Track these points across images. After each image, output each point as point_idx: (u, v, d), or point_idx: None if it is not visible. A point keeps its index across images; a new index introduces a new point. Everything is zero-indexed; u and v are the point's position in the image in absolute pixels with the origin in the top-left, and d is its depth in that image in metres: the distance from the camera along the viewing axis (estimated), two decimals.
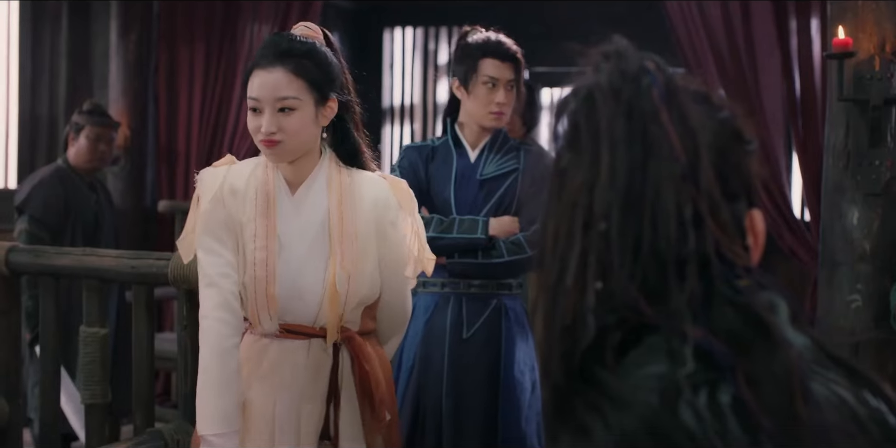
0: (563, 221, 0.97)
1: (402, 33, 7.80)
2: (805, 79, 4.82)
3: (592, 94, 0.98)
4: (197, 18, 5.88)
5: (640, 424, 0.87)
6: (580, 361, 0.94)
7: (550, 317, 0.96)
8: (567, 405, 0.92)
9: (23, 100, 6.03)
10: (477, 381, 3.13)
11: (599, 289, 0.94)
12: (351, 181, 2.35)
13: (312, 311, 2.31)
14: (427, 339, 3.17)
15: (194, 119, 5.89)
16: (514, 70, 3.15)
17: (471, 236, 3.11)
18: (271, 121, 2.22)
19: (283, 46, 2.26)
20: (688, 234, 0.94)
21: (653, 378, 0.89)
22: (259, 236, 2.28)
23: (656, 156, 0.95)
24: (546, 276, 0.98)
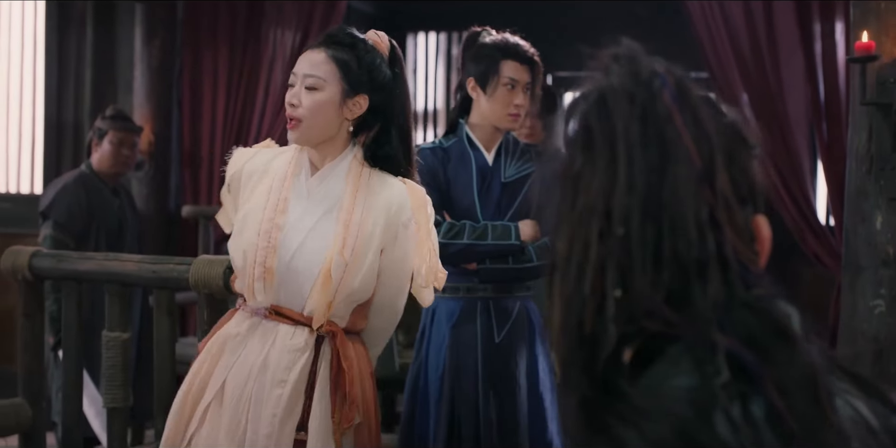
0: (579, 227, 0.94)
1: (425, 38, 7.81)
2: (829, 83, 4.79)
3: (605, 96, 0.96)
4: (220, 23, 5.91)
5: (676, 436, 0.85)
6: (602, 372, 0.92)
7: (568, 327, 0.95)
8: (598, 416, 0.91)
9: (48, 105, 6.07)
10: (512, 386, 3.12)
11: (619, 296, 0.92)
12: (370, 178, 2.42)
13: (304, 294, 2.36)
14: (456, 346, 3.14)
15: (218, 124, 5.91)
16: (531, 72, 3.15)
17: (506, 243, 3.10)
18: (296, 93, 2.37)
19: (335, 35, 2.42)
20: (707, 239, 0.92)
21: (683, 389, 0.88)
22: (269, 208, 2.38)
23: (673, 159, 0.93)
24: (562, 284, 0.96)
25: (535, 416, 3.12)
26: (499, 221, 3.14)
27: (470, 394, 3.11)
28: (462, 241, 3.07)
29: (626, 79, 0.96)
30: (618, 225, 0.92)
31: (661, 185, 0.92)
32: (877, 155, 3.42)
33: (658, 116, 0.94)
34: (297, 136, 2.39)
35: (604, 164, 0.94)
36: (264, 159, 2.47)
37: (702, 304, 0.91)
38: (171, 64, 5.80)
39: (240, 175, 2.47)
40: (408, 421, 3.20)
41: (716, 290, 0.91)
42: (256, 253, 2.35)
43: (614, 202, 0.92)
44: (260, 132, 5.81)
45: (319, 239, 2.36)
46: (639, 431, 0.86)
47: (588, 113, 0.96)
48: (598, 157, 0.94)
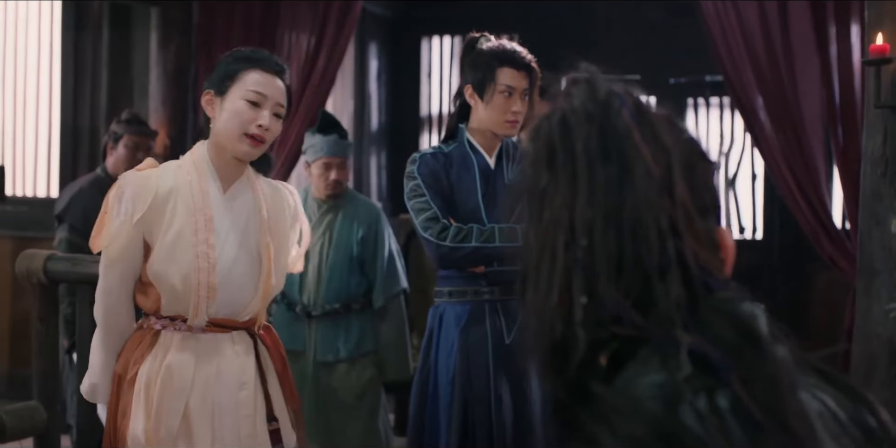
0: (546, 240, 1.01)
1: (439, 41, 7.82)
2: (844, 86, 4.77)
3: (566, 117, 1.03)
4: (235, 27, 5.92)
5: (647, 431, 0.90)
6: (576, 376, 0.98)
7: (541, 333, 1.01)
8: (572, 417, 0.96)
9: (64, 109, 6.10)
10: (525, 385, 3.11)
11: (585, 303, 0.98)
12: (265, 185, 2.63)
13: (242, 302, 2.53)
14: (466, 349, 3.14)
15: None
16: (529, 79, 3.14)
17: (514, 245, 3.09)
18: (266, 116, 2.49)
19: (278, 65, 2.56)
20: (667, 246, 0.98)
21: (653, 386, 0.92)
22: (199, 230, 2.47)
23: (632, 171, 1.00)
24: (533, 293, 1.02)
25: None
26: (504, 224, 3.13)
27: (483, 396, 3.11)
28: (470, 245, 3.07)
29: (586, 99, 1.04)
30: (581, 236, 0.99)
31: (621, 196, 0.99)
32: (892, 158, 3.41)
33: (617, 133, 1.02)
34: (254, 154, 2.52)
35: (566, 180, 1.01)
36: (167, 180, 2.51)
37: (665, 307, 0.97)
38: (187, 68, 5.82)
39: (155, 199, 2.47)
40: (416, 426, 3.20)
41: (677, 292, 0.97)
42: (199, 275, 2.45)
43: (577, 214, 0.99)
44: None
45: (249, 250, 2.53)
46: (610, 428, 0.91)
47: (550, 132, 1.03)
48: (561, 173, 1.01)
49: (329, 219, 4.18)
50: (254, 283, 2.52)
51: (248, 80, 2.49)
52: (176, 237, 2.46)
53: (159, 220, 2.47)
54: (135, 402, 2.47)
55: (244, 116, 2.47)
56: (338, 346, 4.12)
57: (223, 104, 2.51)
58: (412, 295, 4.67)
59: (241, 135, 2.48)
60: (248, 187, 2.56)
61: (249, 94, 2.48)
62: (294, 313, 4.16)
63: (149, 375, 2.47)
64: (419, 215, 3.12)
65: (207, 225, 2.47)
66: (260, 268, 2.53)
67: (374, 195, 7.50)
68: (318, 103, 5.64)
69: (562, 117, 1.03)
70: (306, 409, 4.11)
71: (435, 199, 3.12)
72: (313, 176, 4.17)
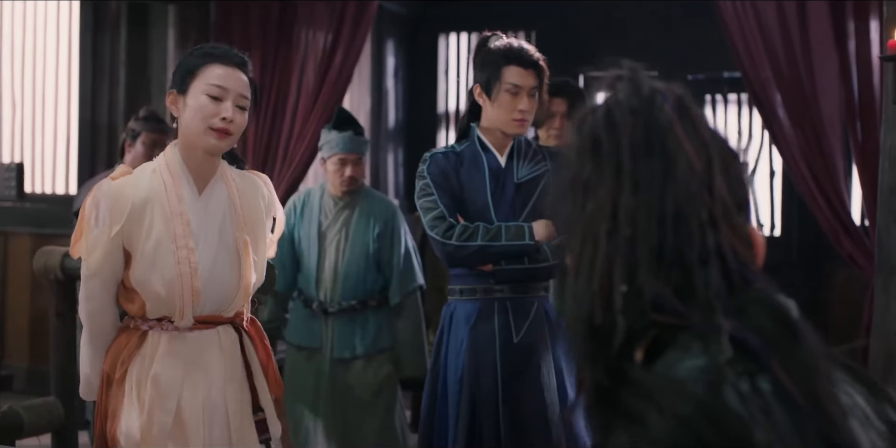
0: (589, 228, 1.04)
1: (456, 38, 7.81)
2: (863, 82, 4.74)
3: (611, 110, 1.07)
4: (252, 25, 5.93)
5: (692, 410, 0.92)
6: (616, 362, 1.00)
7: (580, 320, 1.03)
8: (614, 398, 0.98)
9: (82, 107, 6.12)
10: (531, 384, 3.12)
11: (626, 291, 1.00)
12: (238, 177, 2.63)
13: (226, 299, 2.56)
14: (474, 347, 3.14)
15: (249, 126, 5.87)
16: (536, 77, 3.14)
17: (520, 243, 3.09)
18: (229, 108, 2.49)
19: (238, 57, 2.56)
20: (707, 237, 1.01)
21: (695, 370, 0.95)
22: (179, 237, 2.49)
23: (674, 165, 1.03)
24: (574, 281, 1.05)
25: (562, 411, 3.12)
26: (512, 222, 3.13)
27: (490, 394, 3.11)
28: (476, 243, 3.07)
29: (630, 94, 1.08)
30: (624, 225, 1.02)
31: (664, 188, 1.03)
32: None
33: (660, 127, 1.05)
34: (223, 146, 2.52)
35: (610, 171, 1.04)
36: (142, 188, 2.51)
37: (704, 295, 1.00)
38: None
39: (132, 209, 2.49)
40: (427, 422, 3.21)
41: (717, 281, 1.01)
42: (181, 280, 2.48)
43: (620, 204, 1.02)
44: (292, 133, 5.84)
45: (227, 247, 2.56)
46: (657, 407, 0.94)
47: (596, 125, 1.07)
48: (605, 165, 1.05)
49: (345, 215, 4.18)
50: (235, 279, 2.56)
51: (208, 74, 2.51)
52: (156, 245, 2.48)
53: (138, 230, 2.49)
54: (127, 403, 2.50)
55: (206, 111, 2.48)
56: (354, 343, 4.13)
57: (186, 101, 2.52)
58: (429, 292, 4.67)
59: (206, 129, 2.49)
60: (223, 184, 2.58)
61: (210, 89, 2.49)
62: (310, 310, 4.16)
63: (139, 376, 2.51)
64: (427, 214, 3.15)
65: (185, 230, 2.49)
66: (239, 263, 2.56)
67: (391, 192, 7.50)
68: (334, 100, 5.65)
69: (607, 111, 1.07)
70: (323, 406, 4.12)
71: (443, 199, 3.13)
72: (329, 172, 4.17)
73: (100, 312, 2.56)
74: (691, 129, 1.06)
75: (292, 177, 5.81)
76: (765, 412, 0.92)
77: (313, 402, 4.12)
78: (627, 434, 0.94)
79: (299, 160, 5.79)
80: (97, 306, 2.55)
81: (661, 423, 0.92)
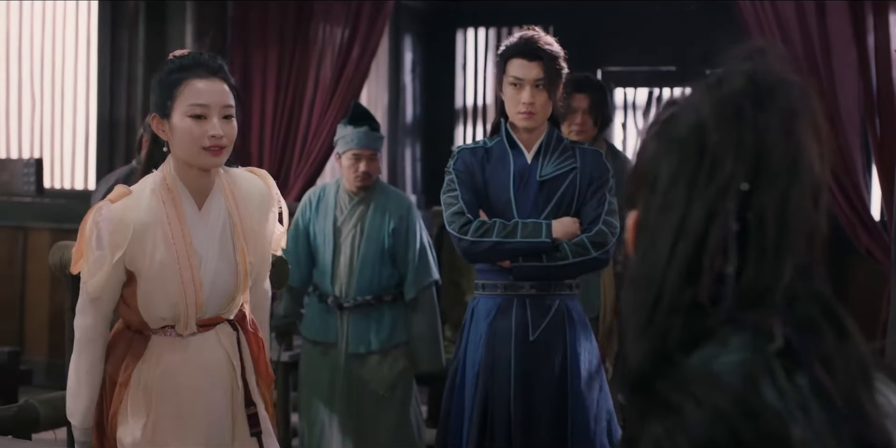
0: (707, 203, 0.97)
1: (474, 33, 7.81)
2: (882, 77, 4.72)
3: (756, 81, 0.99)
4: (269, 21, 5.95)
5: (730, 404, 0.90)
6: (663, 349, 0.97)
7: (643, 302, 0.99)
8: (653, 387, 0.96)
9: (101, 103, 6.15)
10: (545, 384, 3.10)
11: (732, 273, 0.96)
12: (233, 181, 2.59)
13: (226, 304, 2.57)
14: (491, 344, 3.14)
15: (267, 121, 5.95)
16: (542, 68, 3.09)
17: (535, 240, 3.07)
18: (216, 125, 2.44)
19: (213, 64, 2.48)
20: (818, 226, 0.99)
21: (732, 364, 0.93)
22: (182, 257, 2.48)
23: (802, 154, 0.98)
24: (651, 256, 0.99)
25: (576, 414, 3.10)
26: (532, 219, 3.12)
27: (503, 390, 3.11)
28: (490, 239, 3.07)
29: (770, 73, 1.00)
30: (755, 209, 0.96)
31: (795, 175, 0.97)
32: None
33: (792, 113, 0.98)
34: (219, 162, 2.49)
35: (747, 152, 0.97)
36: (142, 210, 2.48)
37: (772, 285, 0.96)
38: None
39: (134, 233, 2.46)
40: (445, 417, 3.21)
41: (791, 274, 0.97)
42: (185, 298, 2.49)
43: (757, 186, 0.96)
44: (309, 128, 5.85)
45: (227, 257, 2.55)
46: (695, 399, 0.92)
47: (737, 94, 0.99)
48: (743, 138, 0.97)
49: (360, 211, 4.18)
50: (234, 285, 2.56)
51: (188, 93, 2.44)
52: (160, 267, 2.47)
53: (141, 253, 2.47)
54: (131, 406, 2.52)
55: (194, 133, 2.43)
56: (370, 338, 4.13)
57: (171, 124, 2.46)
58: (444, 287, 4.68)
59: (198, 150, 2.44)
60: (221, 196, 2.55)
61: (192, 109, 2.44)
62: (326, 305, 4.17)
63: (146, 381, 2.53)
64: (447, 210, 3.16)
65: (189, 250, 2.48)
66: (237, 269, 2.56)
67: (408, 188, 7.51)
68: (351, 95, 5.66)
69: (750, 82, 1.00)
70: (338, 400, 4.13)
71: (464, 195, 3.13)
72: (343, 167, 4.18)
73: (92, 328, 2.55)
74: (811, 120, 1.00)
75: (309, 172, 5.83)
76: (802, 408, 0.90)
77: (328, 396, 4.13)
78: (663, 425, 0.92)
79: (316, 155, 5.80)
80: (90, 322, 2.54)
81: (697, 416, 0.91)
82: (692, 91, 1.04)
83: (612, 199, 3.16)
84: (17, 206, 6.24)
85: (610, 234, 3.10)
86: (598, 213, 3.12)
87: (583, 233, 3.10)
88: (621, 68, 7.33)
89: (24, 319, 6.22)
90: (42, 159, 6.28)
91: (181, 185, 2.51)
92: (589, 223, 3.11)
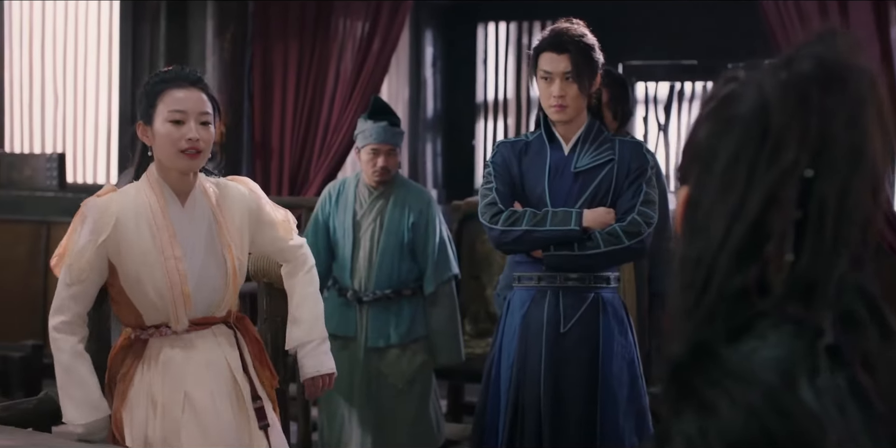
0: (766, 188, 0.94)
1: (495, 28, 7.80)
2: None
3: (826, 66, 0.96)
4: (290, 16, 5.95)
5: (764, 402, 0.88)
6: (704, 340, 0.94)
7: (697, 287, 0.96)
8: (689, 381, 0.93)
9: (123, 98, 6.18)
10: (575, 377, 3.09)
11: (791, 261, 0.93)
12: (216, 186, 2.77)
13: (217, 301, 2.71)
14: (524, 335, 3.14)
15: (288, 115, 5.96)
16: (571, 61, 3.09)
17: (564, 228, 3.07)
18: (192, 128, 2.63)
19: (192, 75, 2.71)
20: (874, 228, 0.96)
21: (770, 360, 0.90)
22: (165, 248, 2.65)
23: (868, 143, 0.95)
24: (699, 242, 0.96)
25: (606, 409, 3.08)
26: (563, 208, 3.12)
27: (533, 383, 3.10)
28: (520, 228, 3.08)
29: (840, 58, 0.97)
30: (816, 198, 0.93)
31: (857, 164, 0.94)
32: None
33: (859, 100, 0.95)
34: (196, 165, 2.67)
35: (812, 138, 0.94)
36: (128, 204, 2.66)
37: (830, 282, 0.93)
38: (242, 57, 5.87)
39: (118, 222, 2.63)
40: (481, 409, 3.22)
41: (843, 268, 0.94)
42: (172, 288, 2.64)
43: (819, 173, 0.93)
44: (329, 123, 5.85)
45: (214, 254, 2.71)
46: (729, 396, 0.89)
47: (804, 77, 0.96)
48: (807, 129, 0.94)
49: (380, 205, 4.19)
50: (223, 282, 2.71)
51: (168, 101, 2.64)
52: (143, 257, 2.64)
53: (124, 242, 2.63)
54: (135, 404, 2.65)
55: (172, 136, 2.62)
56: (389, 332, 4.14)
57: (154, 130, 2.66)
58: (464, 281, 4.67)
59: (176, 152, 2.63)
60: (203, 196, 2.73)
61: (171, 115, 2.63)
62: (345, 299, 4.18)
63: (149, 378, 2.66)
64: (481, 201, 3.19)
65: (172, 241, 2.65)
66: (226, 268, 2.71)
67: (429, 182, 7.51)
68: (371, 90, 5.66)
69: (820, 65, 0.96)
70: (357, 394, 4.13)
71: (499, 186, 3.16)
72: (362, 162, 4.18)
73: (67, 328, 2.68)
74: (877, 109, 0.96)
75: (330, 166, 5.83)
76: (839, 408, 0.87)
77: (348, 390, 4.14)
78: (696, 421, 0.90)
79: (337, 149, 5.81)
80: (68, 319, 2.68)
81: (732, 414, 0.88)
82: (756, 70, 1.00)
83: (650, 190, 3.14)
84: (39, 200, 6.28)
85: (644, 224, 3.08)
86: (633, 203, 3.11)
87: (616, 222, 3.09)
88: (642, 62, 7.30)
89: (46, 313, 6.24)
90: (65, 154, 6.32)
91: (164, 184, 2.69)
92: (623, 213, 3.11)
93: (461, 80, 7.78)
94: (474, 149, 7.85)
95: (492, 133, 7.85)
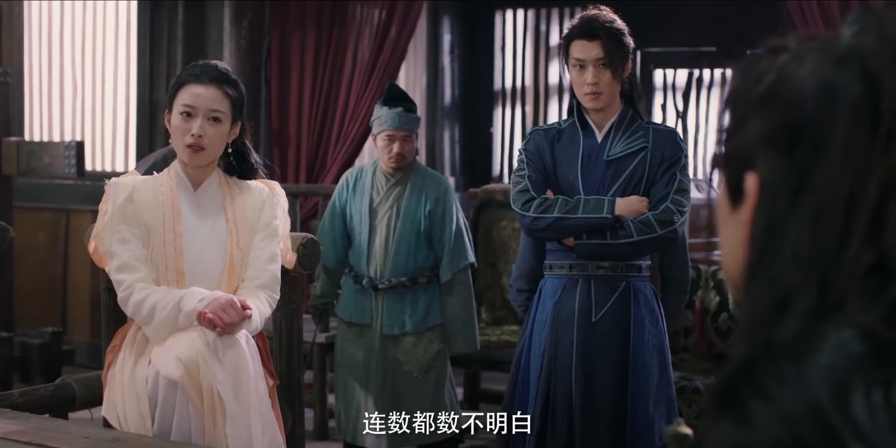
0: (846, 183, 0.86)
1: (513, 15, 7.77)
2: None
3: (889, 40, 0.88)
4: (307, 3, 5.95)
5: (806, 414, 0.80)
6: (764, 339, 0.86)
7: (775, 285, 0.88)
8: (733, 390, 0.86)
9: (140, 86, 6.20)
10: (606, 366, 3.08)
11: (869, 261, 0.85)
12: (237, 185, 2.89)
13: (212, 286, 2.74)
14: (556, 323, 3.13)
15: (305, 103, 5.97)
16: (603, 47, 3.06)
17: (597, 216, 3.05)
18: (202, 126, 2.76)
19: (215, 71, 2.82)
20: None
21: (822, 369, 0.81)
22: (167, 221, 2.77)
23: None
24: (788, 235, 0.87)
25: (636, 398, 3.07)
26: (596, 196, 3.10)
27: (565, 372, 3.10)
28: (551, 215, 3.07)
29: None
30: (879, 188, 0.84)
31: None
32: None
33: None
34: (199, 161, 2.80)
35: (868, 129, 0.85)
36: (146, 182, 2.83)
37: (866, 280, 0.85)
38: (260, 44, 5.86)
39: (131, 193, 2.79)
40: (510, 397, 3.22)
41: None
42: (166, 261, 2.74)
43: None
44: (346, 110, 5.85)
45: (216, 241, 2.80)
46: (769, 404, 0.81)
47: (869, 52, 0.88)
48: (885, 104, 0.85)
49: (397, 192, 4.18)
50: (221, 267, 2.78)
51: (183, 95, 2.79)
52: (148, 228, 2.77)
53: (139, 211, 2.78)
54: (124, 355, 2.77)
55: (181, 129, 2.78)
56: (404, 320, 4.13)
57: (171, 119, 2.83)
58: (480, 269, 4.66)
59: (182, 146, 2.78)
60: (218, 187, 2.86)
61: (183, 108, 2.79)
62: (361, 286, 4.18)
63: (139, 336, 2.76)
64: (513, 189, 3.19)
65: (175, 217, 2.77)
66: (227, 257, 2.79)
67: (446, 170, 7.50)
68: (389, 77, 5.65)
69: (882, 39, 0.88)
70: (373, 382, 4.14)
71: (532, 174, 3.16)
72: (378, 148, 4.17)
73: (126, 267, 2.75)
74: None
75: (347, 153, 5.83)
76: (893, 429, 0.78)
77: (364, 378, 4.14)
78: (735, 430, 0.82)
79: (354, 136, 5.81)
80: (131, 279, 2.74)
81: (772, 427, 0.80)
82: (815, 50, 0.91)
83: (684, 178, 3.11)
84: (58, 188, 6.30)
85: (677, 212, 3.06)
86: (666, 191, 3.09)
87: (650, 211, 3.08)
88: (661, 49, 7.26)
89: (66, 300, 6.29)
90: (83, 142, 6.32)
91: (180, 171, 2.85)
92: (657, 201, 3.08)
93: (479, 68, 7.75)
94: (492, 136, 7.83)
95: (510, 120, 7.83)
